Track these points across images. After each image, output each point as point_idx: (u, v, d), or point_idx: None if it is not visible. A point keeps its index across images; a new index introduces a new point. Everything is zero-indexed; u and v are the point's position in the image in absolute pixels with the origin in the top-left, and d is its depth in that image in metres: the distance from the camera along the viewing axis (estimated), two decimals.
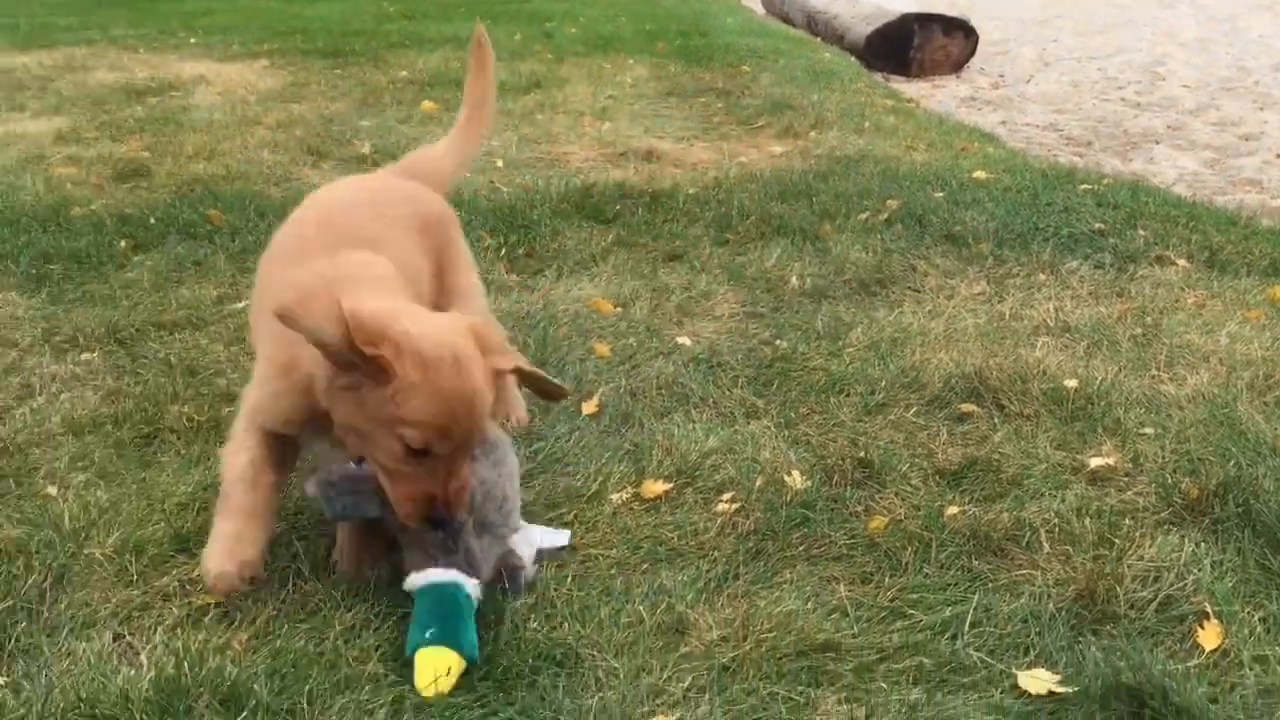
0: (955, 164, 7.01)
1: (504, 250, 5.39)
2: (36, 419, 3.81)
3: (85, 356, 4.32)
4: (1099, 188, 6.27)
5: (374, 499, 2.68)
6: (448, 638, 2.55)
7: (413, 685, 2.52)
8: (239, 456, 2.74)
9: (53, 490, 3.36)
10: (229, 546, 2.62)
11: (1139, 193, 6.20)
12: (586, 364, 4.20)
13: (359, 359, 2.41)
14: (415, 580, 2.72)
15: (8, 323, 4.64)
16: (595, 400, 3.89)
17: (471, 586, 2.71)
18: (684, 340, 4.40)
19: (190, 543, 3.07)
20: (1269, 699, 2.44)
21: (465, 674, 2.56)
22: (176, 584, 2.94)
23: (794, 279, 5.07)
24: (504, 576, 2.82)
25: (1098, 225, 5.54)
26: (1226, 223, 5.67)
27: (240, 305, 4.76)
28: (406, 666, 2.58)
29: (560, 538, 3.06)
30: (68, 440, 3.67)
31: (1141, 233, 5.49)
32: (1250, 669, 2.53)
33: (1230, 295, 4.69)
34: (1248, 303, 4.59)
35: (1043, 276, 4.98)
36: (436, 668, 2.52)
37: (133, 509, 3.24)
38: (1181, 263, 5.13)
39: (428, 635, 2.56)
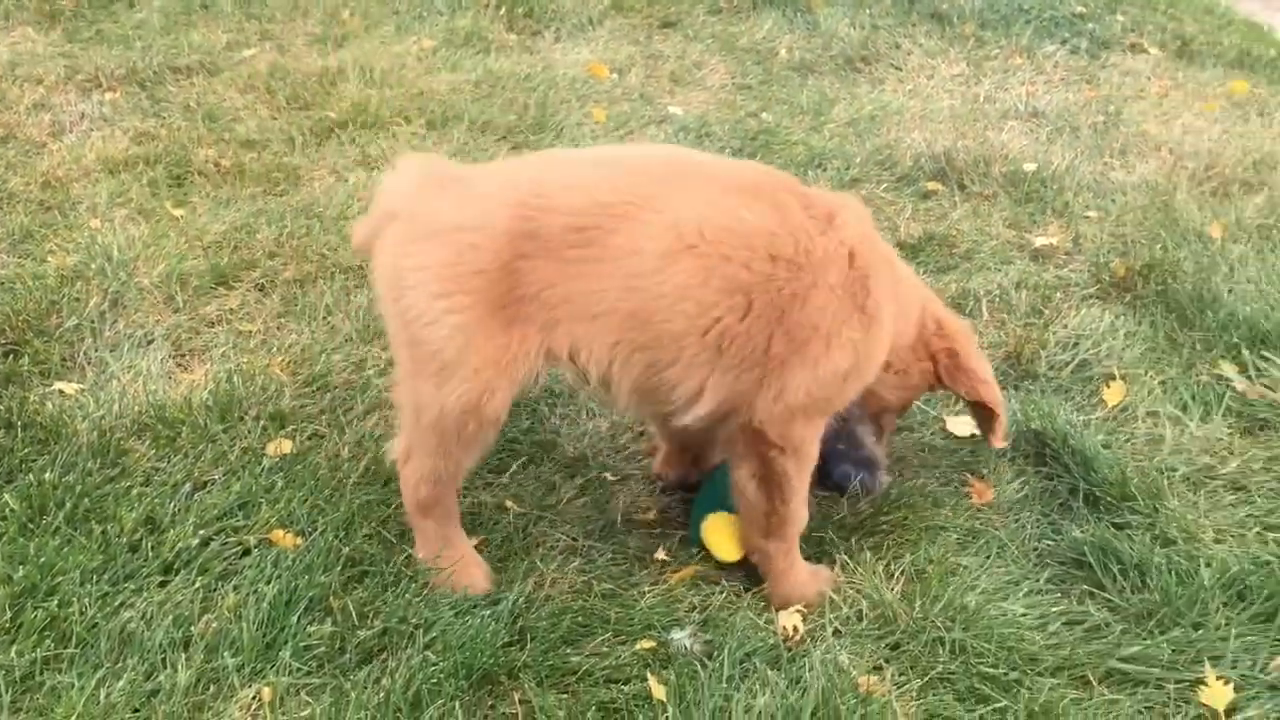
0: None
1: (504, 9, 5.53)
2: (73, 156, 4.09)
3: (109, 96, 4.56)
4: None
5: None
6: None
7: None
8: None
9: (96, 223, 3.69)
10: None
11: None
12: (584, 128, 4.47)
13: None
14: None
15: (29, 58, 4.83)
16: None
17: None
18: (675, 109, 4.67)
19: (228, 278, 3.44)
20: (1154, 445, 2.90)
21: None
22: (218, 312, 3.33)
23: (783, 51, 5.28)
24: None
25: (1079, 9, 5.72)
26: (1203, 11, 5.85)
27: (250, 53, 4.96)
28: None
29: None
30: (104, 177, 3.97)
31: (1120, 18, 5.67)
32: (1143, 422, 2.99)
33: (1192, 86, 4.96)
34: (1206, 95, 4.86)
35: (1019, 60, 5.21)
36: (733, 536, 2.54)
37: (173, 244, 3.58)
38: (1154, 51, 5.36)
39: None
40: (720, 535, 2.53)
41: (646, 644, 2.30)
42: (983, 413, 2.61)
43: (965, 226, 3.89)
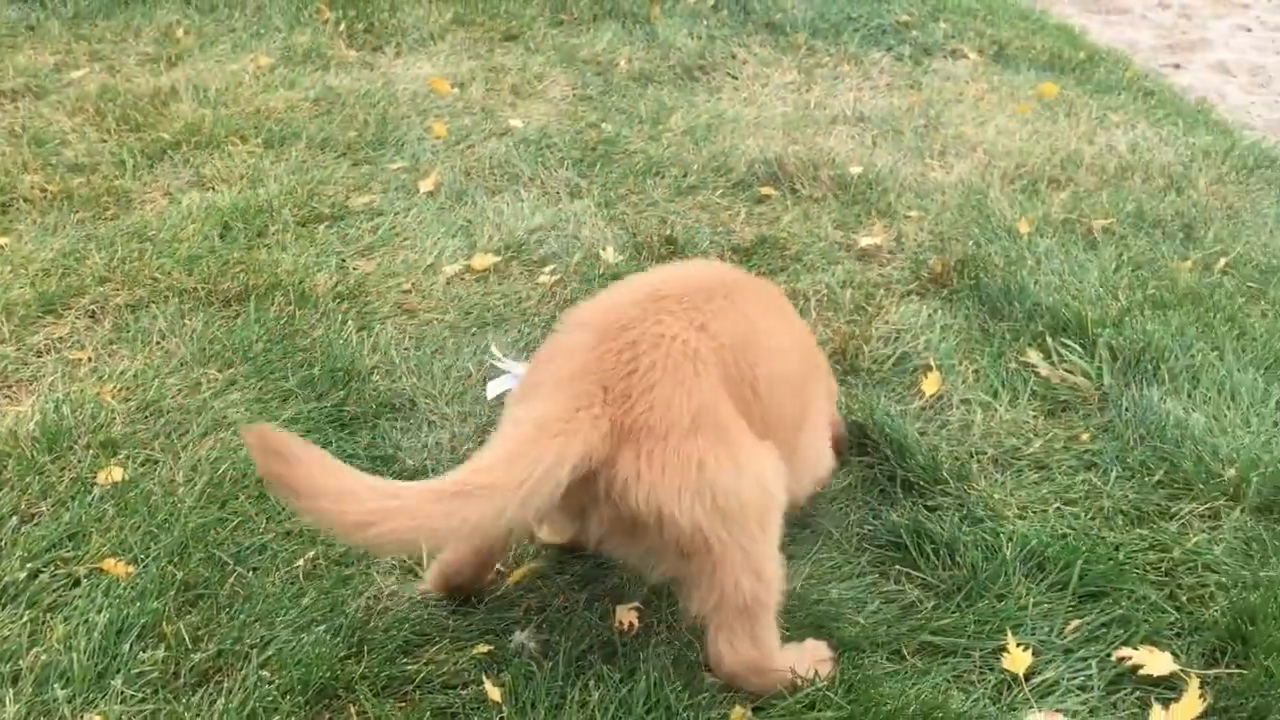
0: None
1: (343, 24, 5.52)
2: None
3: None
4: None
5: None
6: None
7: None
8: None
9: None
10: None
11: None
12: (424, 143, 4.51)
13: None
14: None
15: None
16: (432, 178, 4.23)
17: None
18: (516, 122, 4.74)
19: (56, 306, 3.39)
20: (966, 430, 3.08)
21: (311, 419, 3.00)
22: (46, 341, 3.27)
23: (623, 62, 5.40)
24: None
25: (904, 17, 5.98)
26: (1019, 17, 6.18)
27: (79, 74, 4.86)
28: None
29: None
30: None
31: (942, 25, 5.95)
32: (957, 409, 3.17)
33: (1007, 89, 5.24)
34: (1019, 97, 5.15)
35: (847, 67, 5.43)
36: None
37: None
38: (973, 56, 5.64)
39: None
40: None
41: (483, 648, 2.36)
42: None
43: (796, 229, 4.05)
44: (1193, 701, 2.26)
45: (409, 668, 2.30)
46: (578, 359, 2.11)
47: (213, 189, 4.10)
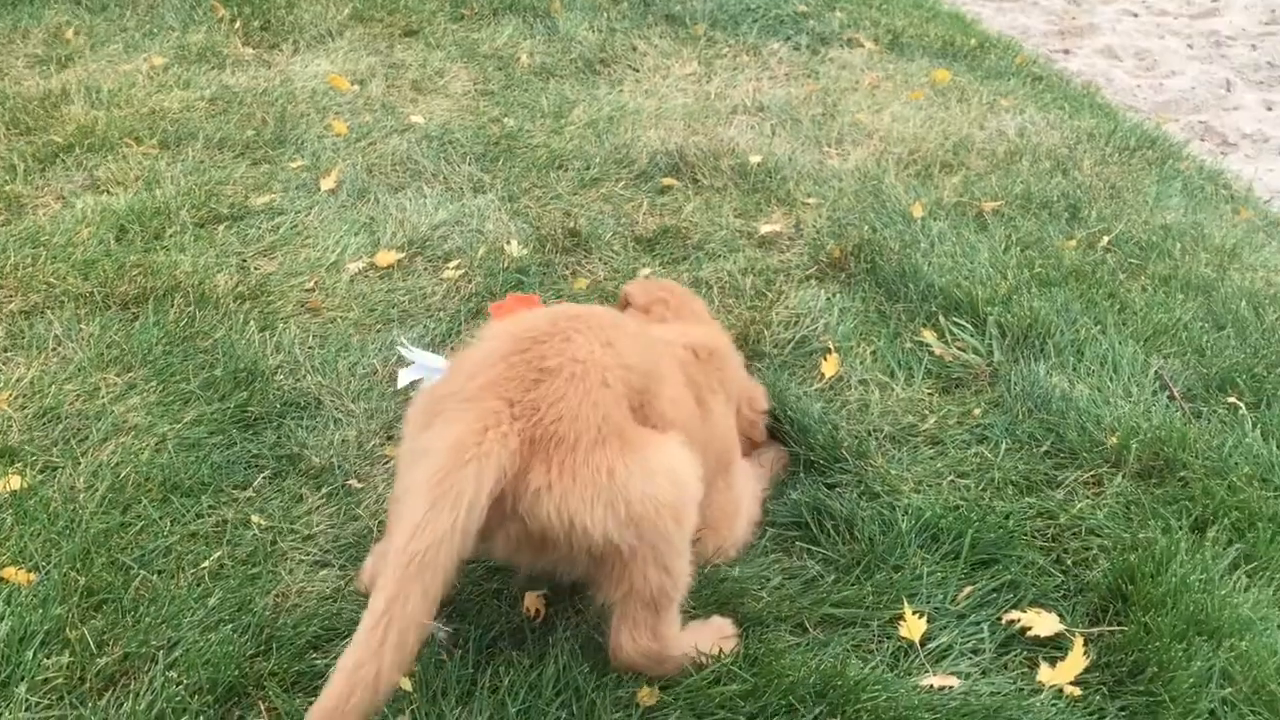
0: None
1: (239, 22, 5.45)
2: None
3: None
4: None
5: None
6: None
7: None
8: None
9: None
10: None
11: None
12: (325, 141, 4.48)
13: None
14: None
15: None
16: (333, 176, 4.22)
17: None
18: (418, 118, 4.73)
19: None
20: (865, 410, 3.18)
21: (215, 420, 2.99)
22: None
23: (524, 56, 5.41)
24: None
25: (801, 7, 6.08)
26: (912, 5, 6.33)
27: None
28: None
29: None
30: None
31: (839, 14, 6.07)
32: (855, 389, 3.27)
33: (901, 77, 5.37)
34: (913, 84, 5.28)
35: (746, 58, 5.52)
36: None
37: None
38: (868, 45, 5.76)
39: None
40: None
41: None
42: None
43: (698, 219, 4.11)
44: (1077, 659, 2.37)
45: (319, 663, 2.31)
46: (485, 373, 2.13)
47: (107, 192, 4.03)
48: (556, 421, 2.06)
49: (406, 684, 2.27)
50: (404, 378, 3.04)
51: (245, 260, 3.70)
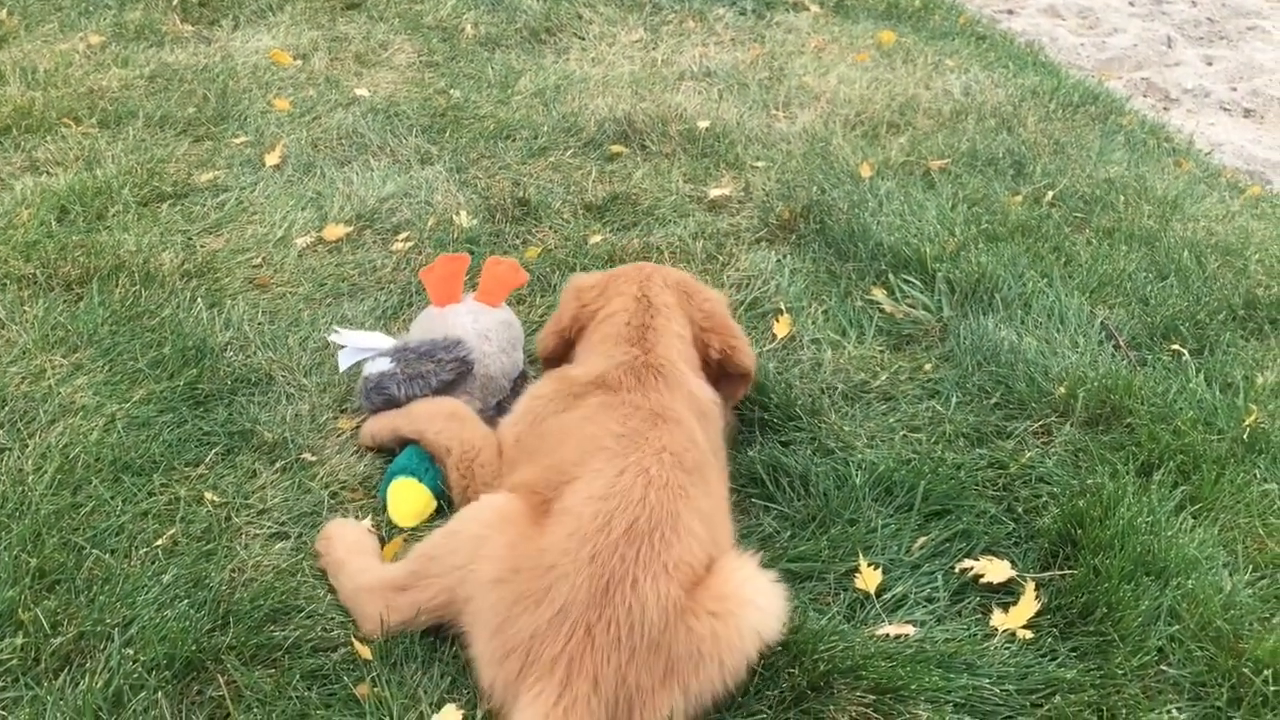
0: None
1: None
2: None
3: None
4: None
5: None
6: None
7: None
8: None
9: None
10: None
11: None
12: (268, 117, 4.43)
13: None
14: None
15: None
16: (278, 152, 4.16)
17: None
18: (362, 92, 4.68)
19: None
20: (817, 368, 3.20)
21: (164, 399, 2.95)
22: None
23: (469, 27, 5.37)
24: None
25: None
26: None
27: None
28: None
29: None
30: None
31: None
32: (808, 349, 3.29)
33: (846, 40, 5.38)
34: (859, 46, 5.29)
35: (693, 24, 5.50)
36: (414, 501, 2.68)
37: None
38: (814, 8, 5.77)
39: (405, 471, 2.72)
40: (400, 499, 2.64)
41: None
42: None
43: (648, 185, 4.11)
44: (1029, 603, 2.41)
45: (277, 635, 2.30)
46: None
47: (47, 173, 3.96)
48: None
49: (366, 652, 2.27)
50: (344, 362, 3.03)
51: (191, 238, 3.66)
